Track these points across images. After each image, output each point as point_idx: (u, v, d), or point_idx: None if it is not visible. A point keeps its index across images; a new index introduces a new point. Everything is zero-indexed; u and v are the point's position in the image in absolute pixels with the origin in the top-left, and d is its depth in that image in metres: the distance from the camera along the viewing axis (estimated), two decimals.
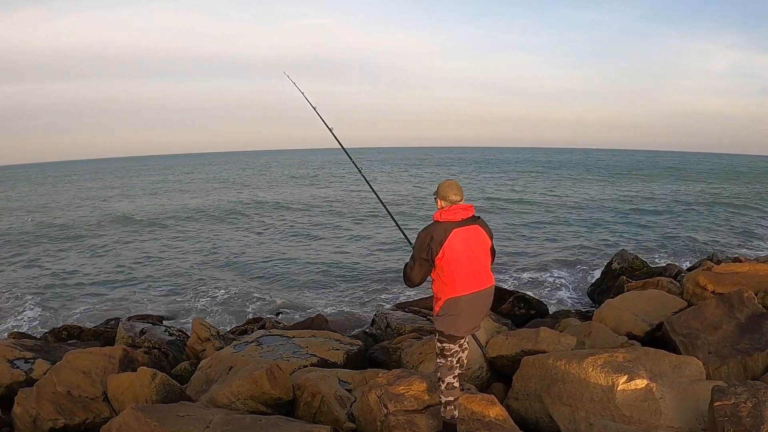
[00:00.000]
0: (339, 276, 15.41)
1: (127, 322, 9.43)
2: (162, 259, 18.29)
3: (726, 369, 5.49)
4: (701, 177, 54.40)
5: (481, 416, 3.95)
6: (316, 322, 9.38)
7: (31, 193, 53.26)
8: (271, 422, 4.26)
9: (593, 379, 4.37)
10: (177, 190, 48.16)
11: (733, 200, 32.05)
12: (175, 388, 5.32)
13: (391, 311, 9.65)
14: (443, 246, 3.51)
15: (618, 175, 55.59)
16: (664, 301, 7.50)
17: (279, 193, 40.57)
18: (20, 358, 6.79)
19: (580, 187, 42.16)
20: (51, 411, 5.37)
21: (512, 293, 10.56)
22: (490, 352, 5.89)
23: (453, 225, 3.57)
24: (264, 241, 20.80)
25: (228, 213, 29.80)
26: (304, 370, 5.81)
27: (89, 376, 5.75)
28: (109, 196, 43.85)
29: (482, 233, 3.69)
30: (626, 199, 33.20)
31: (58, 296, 14.26)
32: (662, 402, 4.11)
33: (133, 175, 77.99)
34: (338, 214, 28.02)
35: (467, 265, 3.58)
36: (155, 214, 30.65)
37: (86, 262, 18.31)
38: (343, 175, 59.15)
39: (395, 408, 4.03)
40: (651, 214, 26.38)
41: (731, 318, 6.19)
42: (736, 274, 8.00)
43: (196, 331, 7.94)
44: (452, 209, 3.62)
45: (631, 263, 12.09)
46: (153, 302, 13.40)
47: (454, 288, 3.58)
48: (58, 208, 35.87)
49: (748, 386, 3.70)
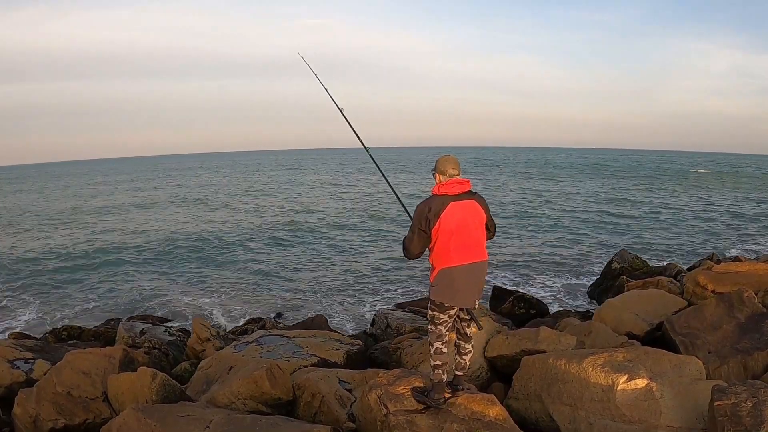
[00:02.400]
0: (339, 276, 15.42)
1: (127, 323, 9.43)
2: (162, 259, 18.29)
3: (726, 368, 5.48)
4: (701, 177, 54.43)
5: (481, 416, 3.95)
6: (316, 322, 9.39)
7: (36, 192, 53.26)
8: (271, 422, 4.26)
9: (593, 379, 4.36)
10: (174, 188, 48.19)
11: (733, 200, 32.06)
12: (175, 389, 5.32)
13: (391, 311, 9.65)
14: (439, 217, 3.65)
15: (618, 175, 55.60)
16: (664, 300, 7.49)
17: (279, 193, 40.58)
18: (20, 359, 6.79)
19: (580, 186, 42.17)
20: (51, 411, 5.37)
21: (512, 293, 10.57)
22: (490, 352, 5.89)
23: (450, 198, 3.70)
24: (264, 241, 20.79)
25: (228, 213, 29.81)
26: (305, 370, 5.80)
27: (89, 376, 5.75)
28: (111, 195, 43.86)
29: (478, 208, 3.80)
30: (626, 198, 33.23)
31: (58, 297, 14.27)
32: (662, 401, 4.10)
33: (134, 174, 78.02)
34: (338, 213, 28.03)
35: (461, 237, 3.69)
36: (156, 213, 30.66)
37: (86, 262, 18.31)
38: (343, 175, 59.15)
39: (395, 408, 4.03)
40: (651, 213, 26.39)
41: (731, 317, 6.19)
42: (736, 273, 8.00)
43: (196, 332, 7.93)
44: (450, 183, 3.76)
45: (631, 263, 12.10)
46: (153, 302, 13.41)
47: (448, 258, 3.70)
48: (59, 207, 35.86)
49: (748, 386, 3.69)
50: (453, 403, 4.03)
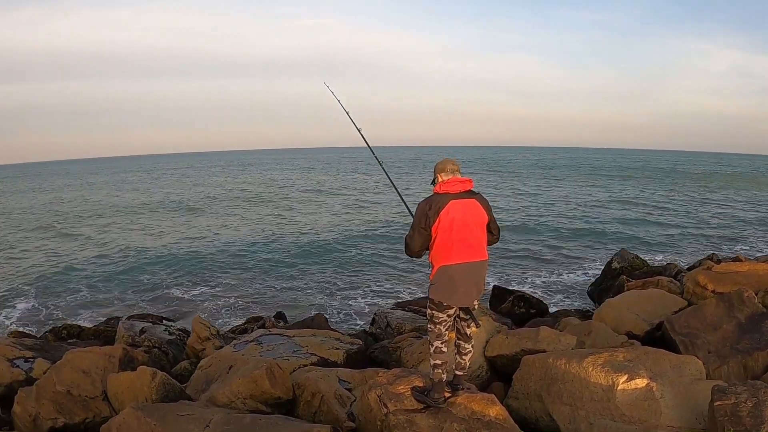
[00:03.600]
0: (339, 275, 15.42)
1: (127, 322, 9.41)
2: (162, 259, 18.28)
3: (726, 368, 5.48)
4: (701, 176, 54.42)
5: (481, 416, 3.95)
6: (316, 321, 9.37)
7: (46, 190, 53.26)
8: (271, 421, 4.26)
9: (593, 379, 4.36)
10: (174, 187, 48.18)
11: (733, 200, 32.06)
12: (174, 388, 5.32)
13: (391, 310, 9.64)
14: (439, 215, 3.67)
15: (618, 175, 55.58)
16: (664, 300, 7.49)
17: (279, 194, 40.57)
18: (20, 357, 6.78)
19: (580, 186, 42.17)
20: (51, 410, 5.37)
21: (512, 292, 10.56)
22: (490, 352, 5.89)
23: (451, 196, 3.72)
24: (263, 241, 20.78)
25: (227, 213, 29.81)
26: (304, 369, 5.79)
27: (89, 375, 5.74)
28: (114, 194, 43.86)
29: (479, 207, 3.80)
30: (626, 198, 33.22)
31: (57, 295, 14.27)
32: (662, 401, 4.10)
33: (136, 173, 78.01)
34: (338, 214, 28.02)
35: (461, 235, 3.70)
36: (156, 214, 30.65)
37: (87, 261, 18.30)
38: (343, 175, 59.14)
39: (395, 407, 4.02)
40: (651, 213, 26.39)
41: (731, 317, 6.19)
42: (736, 273, 8.00)
43: (196, 331, 7.93)
44: (451, 181, 3.78)
45: (631, 262, 12.09)
46: (153, 301, 13.41)
47: (448, 256, 3.71)
48: (62, 208, 35.85)
49: (748, 386, 3.69)
50: (453, 402, 4.03)
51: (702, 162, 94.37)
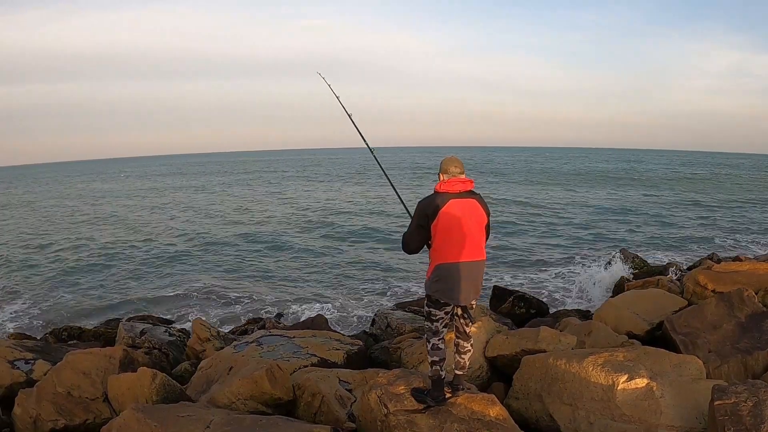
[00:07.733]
0: (339, 276, 15.42)
1: (127, 323, 9.42)
2: (162, 259, 18.29)
3: (726, 368, 5.48)
4: (701, 176, 54.41)
5: (481, 416, 3.95)
6: (316, 322, 9.37)
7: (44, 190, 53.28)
8: (271, 422, 4.26)
9: (593, 379, 4.37)
10: (175, 188, 48.19)
11: (733, 199, 32.07)
12: (175, 389, 5.32)
13: (392, 311, 9.64)
14: (439, 213, 3.71)
15: (618, 175, 55.58)
16: (664, 300, 7.49)
17: (280, 193, 40.57)
18: (20, 359, 6.78)
19: (580, 186, 42.16)
20: (51, 412, 5.37)
21: (512, 292, 10.55)
22: (490, 352, 5.89)
23: (450, 196, 3.76)
24: (263, 241, 20.79)
25: (227, 212, 29.82)
26: (305, 370, 5.79)
27: (89, 376, 5.74)
28: (112, 197, 43.87)
29: (478, 207, 3.84)
30: (626, 198, 33.22)
31: (58, 297, 14.27)
32: (662, 401, 4.11)
33: (137, 174, 78.04)
34: (338, 214, 28.01)
35: (460, 234, 3.73)
36: (156, 213, 30.66)
37: (87, 262, 18.31)
38: (340, 175, 59.16)
39: (395, 408, 4.02)
40: (650, 213, 26.37)
41: (731, 317, 6.19)
42: (737, 273, 7.99)
43: (196, 332, 7.93)
44: (451, 181, 3.82)
45: (631, 262, 12.10)
46: (153, 303, 13.40)
47: (446, 254, 3.74)
48: (62, 209, 35.86)
49: (749, 385, 3.70)
50: (453, 402, 4.03)
51: (702, 162, 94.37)
